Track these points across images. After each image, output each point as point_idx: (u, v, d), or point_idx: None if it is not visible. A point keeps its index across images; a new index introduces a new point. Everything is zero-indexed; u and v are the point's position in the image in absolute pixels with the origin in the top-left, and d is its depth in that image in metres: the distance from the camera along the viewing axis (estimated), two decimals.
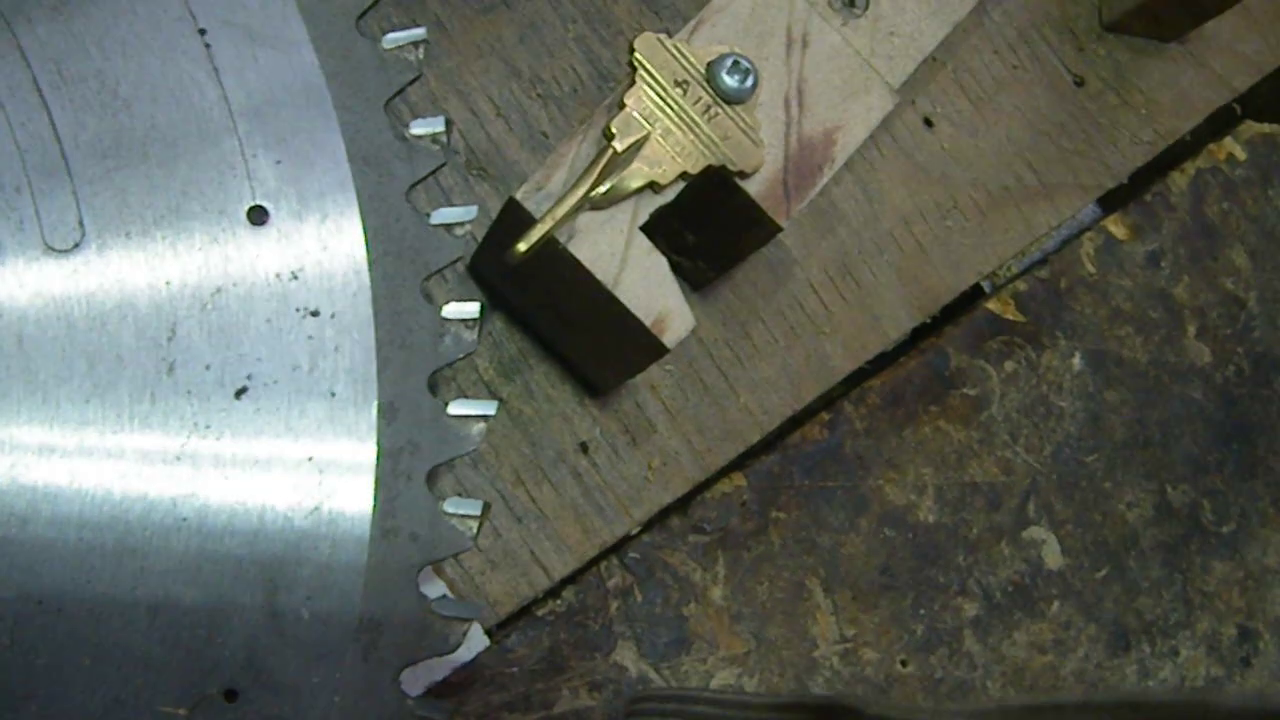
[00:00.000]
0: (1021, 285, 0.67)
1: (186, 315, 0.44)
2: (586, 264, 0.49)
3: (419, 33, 0.49)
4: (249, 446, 0.44)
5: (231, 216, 0.46)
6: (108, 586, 0.42)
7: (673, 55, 0.52)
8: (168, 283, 0.44)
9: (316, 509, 0.45)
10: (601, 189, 0.49)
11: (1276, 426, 0.70)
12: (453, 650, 0.46)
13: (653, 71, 0.51)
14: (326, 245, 0.46)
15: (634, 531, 0.58)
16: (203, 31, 0.47)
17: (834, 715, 0.38)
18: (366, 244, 0.47)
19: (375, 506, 0.45)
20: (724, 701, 0.44)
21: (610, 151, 0.49)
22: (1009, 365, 0.65)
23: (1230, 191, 0.72)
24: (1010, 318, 0.66)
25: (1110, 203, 0.70)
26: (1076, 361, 0.66)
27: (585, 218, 0.50)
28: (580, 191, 0.49)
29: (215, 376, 0.44)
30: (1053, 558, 0.64)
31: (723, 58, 0.52)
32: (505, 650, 0.56)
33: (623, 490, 0.57)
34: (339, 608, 0.44)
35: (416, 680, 0.52)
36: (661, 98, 0.51)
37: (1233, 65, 0.73)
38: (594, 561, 0.57)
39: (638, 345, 0.51)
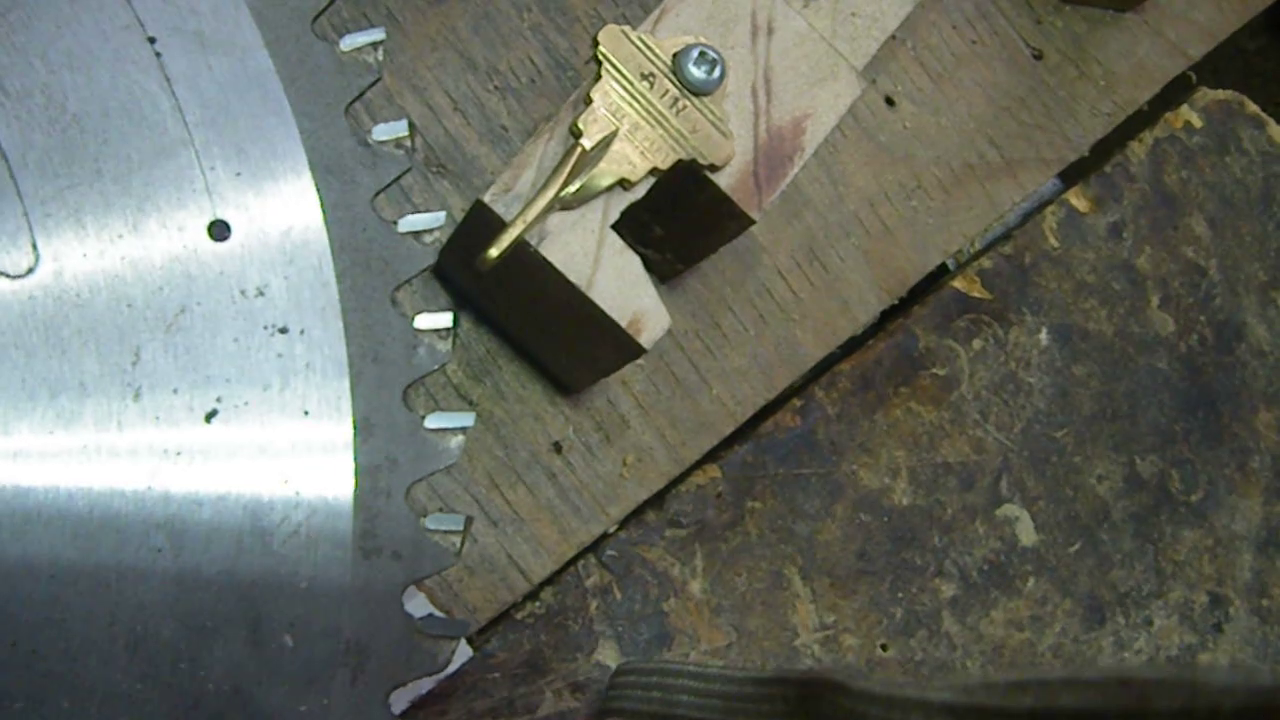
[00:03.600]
0: (986, 262, 0.66)
1: (150, 338, 0.43)
2: (559, 266, 0.48)
3: (377, 33, 0.48)
4: (222, 471, 0.43)
5: (192, 233, 0.44)
6: (83, 624, 0.41)
7: (637, 47, 0.50)
8: (129, 305, 0.43)
9: (295, 532, 0.43)
10: (571, 189, 0.48)
11: (1240, 393, 0.70)
12: (442, 669, 0.45)
13: (618, 65, 0.50)
14: (292, 259, 0.45)
15: (611, 529, 0.57)
16: (152, 40, 0.45)
17: (817, 690, 0.38)
18: (333, 256, 0.46)
19: (355, 527, 0.44)
20: (707, 675, 0.44)
21: (579, 150, 0.48)
22: (977, 343, 0.65)
23: (1188, 160, 0.72)
24: (976, 295, 0.66)
25: (1071, 175, 0.70)
26: (1043, 337, 0.66)
27: (555, 218, 0.49)
28: (550, 192, 0.48)
29: (184, 400, 0.43)
30: (1027, 534, 0.64)
31: (689, 48, 0.51)
32: (486, 655, 0.55)
33: (598, 489, 0.56)
34: (324, 633, 0.43)
35: (401, 696, 0.51)
36: (628, 92, 0.50)
37: (1188, 33, 0.72)
38: (571, 562, 0.57)
39: (614, 346, 0.50)
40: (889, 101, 0.65)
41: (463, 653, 0.52)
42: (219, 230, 0.44)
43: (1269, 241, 0.72)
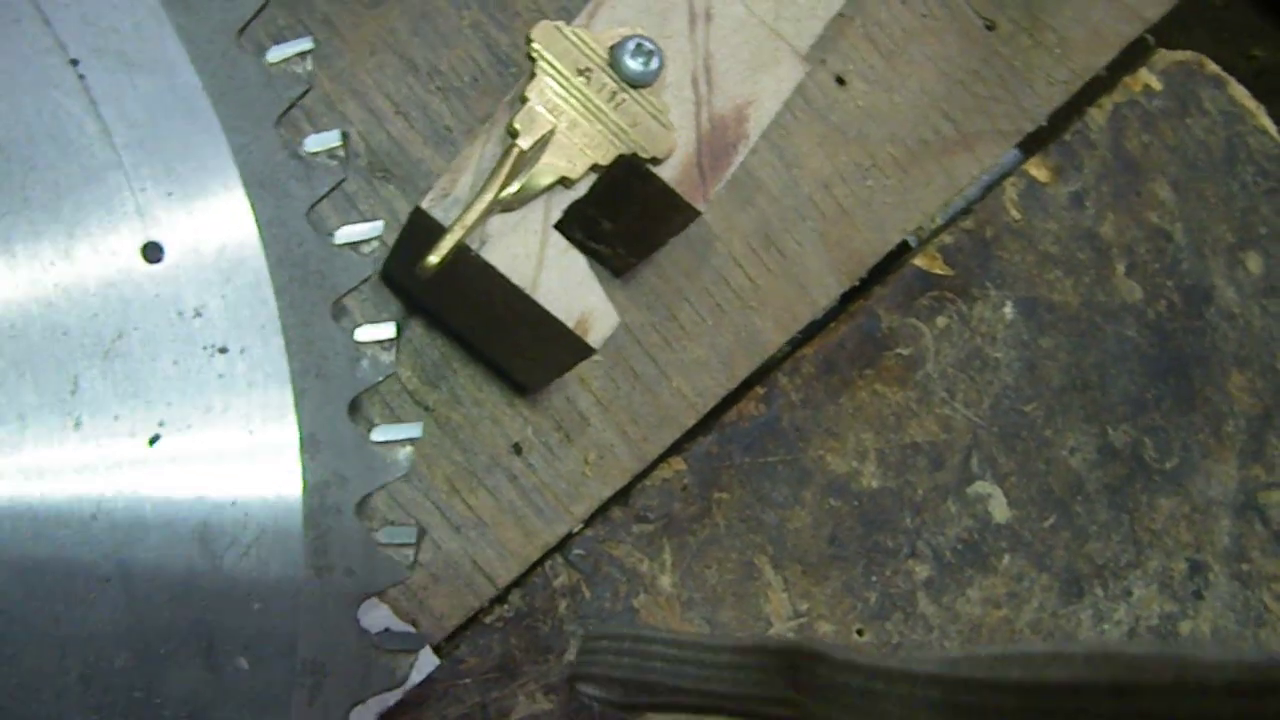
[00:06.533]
0: (947, 238, 0.66)
1: (88, 366, 0.42)
2: (502, 269, 0.48)
3: (305, 43, 0.47)
4: (168, 496, 0.42)
5: (125, 256, 0.43)
6: (33, 660, 0.40)
7: (573, 42, 0.50)
8: (65, 333, 0.42)
9: (245, 554, 0.43)
10: (511, 190, 0.48)
11: (1211, 357, 0.69)
12: (401, 684, 0.44)
13: (553, 61, 0.49)
14: (229, 277, 0.44)
15: (576, 529, 0.57)
16: (75, 62, 0.44)
17: (797, 660, 0.37)
18: (270, 271, 0.45)
19: (306, 545, 0.44)
20: (682, 642, 0.43)
21: (516, 150, 0.48)
22: (941, 321, 0.65)
23: (1149, 124, 0.71)
24: (938, 272, 0.65)
25: (1030, 146, 0.69)
26: (1008, 311, 0.66)
27: (496, 221, 0.48)
28: (489, 195, 0.47)
29: (126, 427, 0.42)
30: (1000, 511, 0.64)
31: (625, 41, 0.50)
32: (456, 662, 0.54)
33: (561, 488, 0.56)
34: (279, 654, 0.43)
35: (369, 711, 0.50)
36: (564, 88, 0.49)
37: None
38: (538, 563, 0.56)
39: (563, 347, 0.50)
40: (839, 81, 0.65)
41: (428, 661, 0.52)
42: (152, 252, 0.44)
43: (1234, 202, 0.72)
